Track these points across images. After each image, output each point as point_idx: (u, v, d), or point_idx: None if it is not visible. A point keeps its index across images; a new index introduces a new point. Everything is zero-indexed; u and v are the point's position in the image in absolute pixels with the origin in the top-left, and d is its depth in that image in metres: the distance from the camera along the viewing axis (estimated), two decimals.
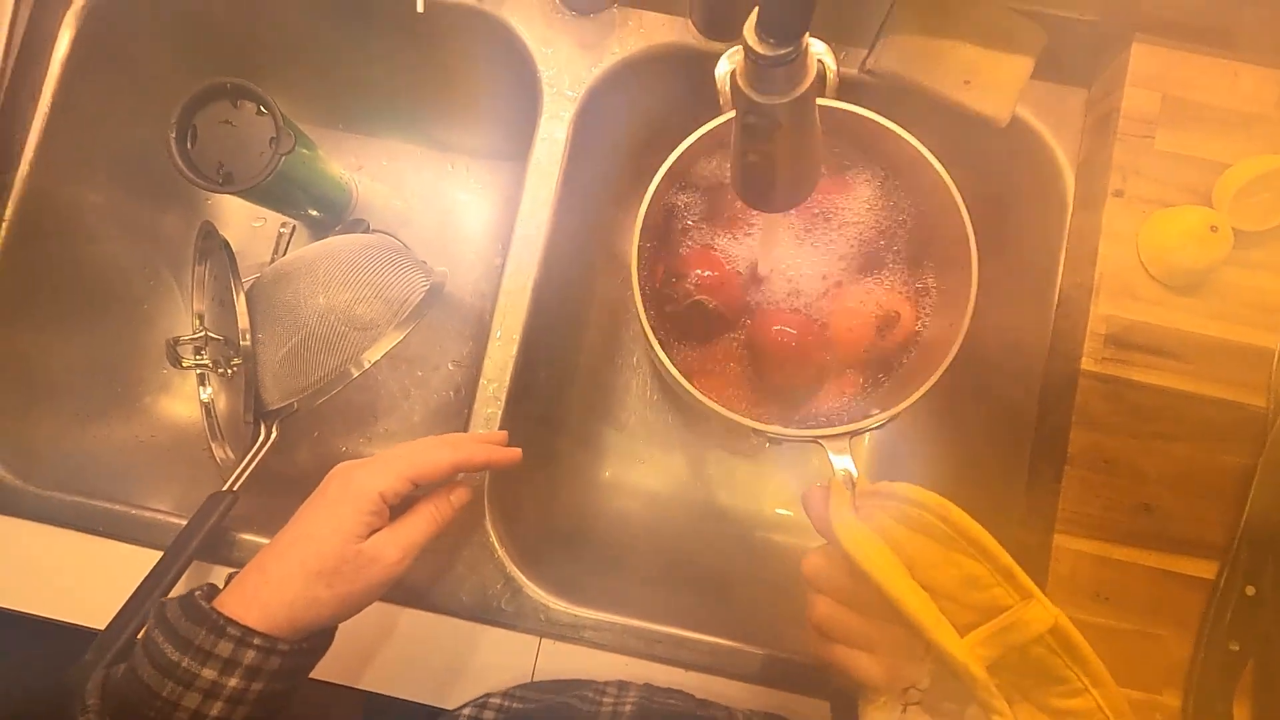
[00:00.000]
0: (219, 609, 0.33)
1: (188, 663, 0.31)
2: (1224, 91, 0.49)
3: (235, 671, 0.32)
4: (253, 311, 0.56)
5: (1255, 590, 0.44)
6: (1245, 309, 0.47)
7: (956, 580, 0.31)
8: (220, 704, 0.32)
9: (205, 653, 0.32)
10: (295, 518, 0.38)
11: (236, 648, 0.32)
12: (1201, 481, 0.46)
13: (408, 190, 0.73)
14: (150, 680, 0.31)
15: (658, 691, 0.43)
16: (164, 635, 0.32)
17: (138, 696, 0.31)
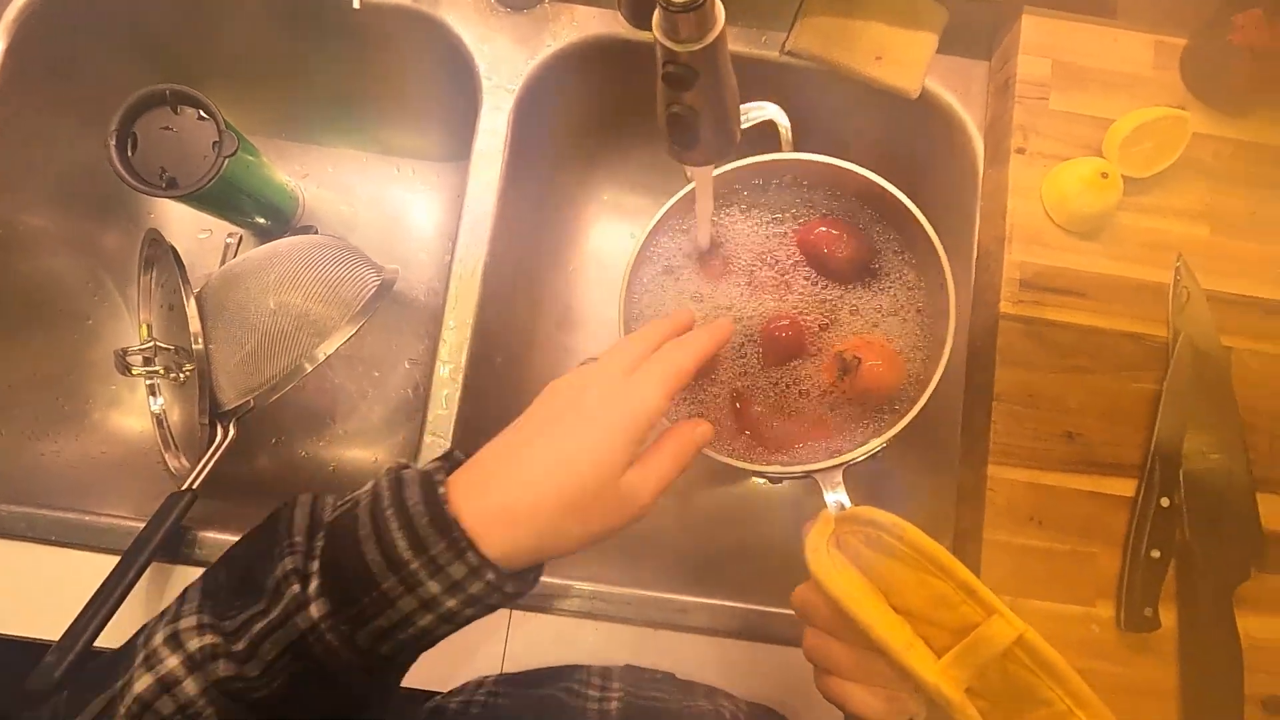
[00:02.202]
0: (461, 522, 0.28)
1: (417, 566, 0.28)
2: (1106, 55, 0.54)
3: (458, 595, 0.28)
4: (203, 314, 0.56)
5: (1169, 501, 0.48)
6: (1141, 249, 0.52)
7: (928, 601, 0.30)
8: (431, 618, 0.28)
9: (438, 567, 0.28)
10: (543, 432, 0.31)
11: (469, 575, 0.28)
12: (1116, 408, 0.50)
13: (355, 195, 0.74)
14: (374, 565, 0.28)
15: (643, 682, 0.42)
16: (399, 524, 0.28)
17: (355, 573, 0.28)
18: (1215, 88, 0.52)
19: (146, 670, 0.27)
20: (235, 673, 0.27)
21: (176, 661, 0.27)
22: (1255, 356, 0.51)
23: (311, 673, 0.28)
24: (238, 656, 0.27)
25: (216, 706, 0.27)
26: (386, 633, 0.28)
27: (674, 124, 0.33)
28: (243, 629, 0.28)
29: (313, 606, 0.27)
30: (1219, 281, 0.52)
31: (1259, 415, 0.50)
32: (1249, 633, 0.47)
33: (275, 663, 0.27)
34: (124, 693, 0.27)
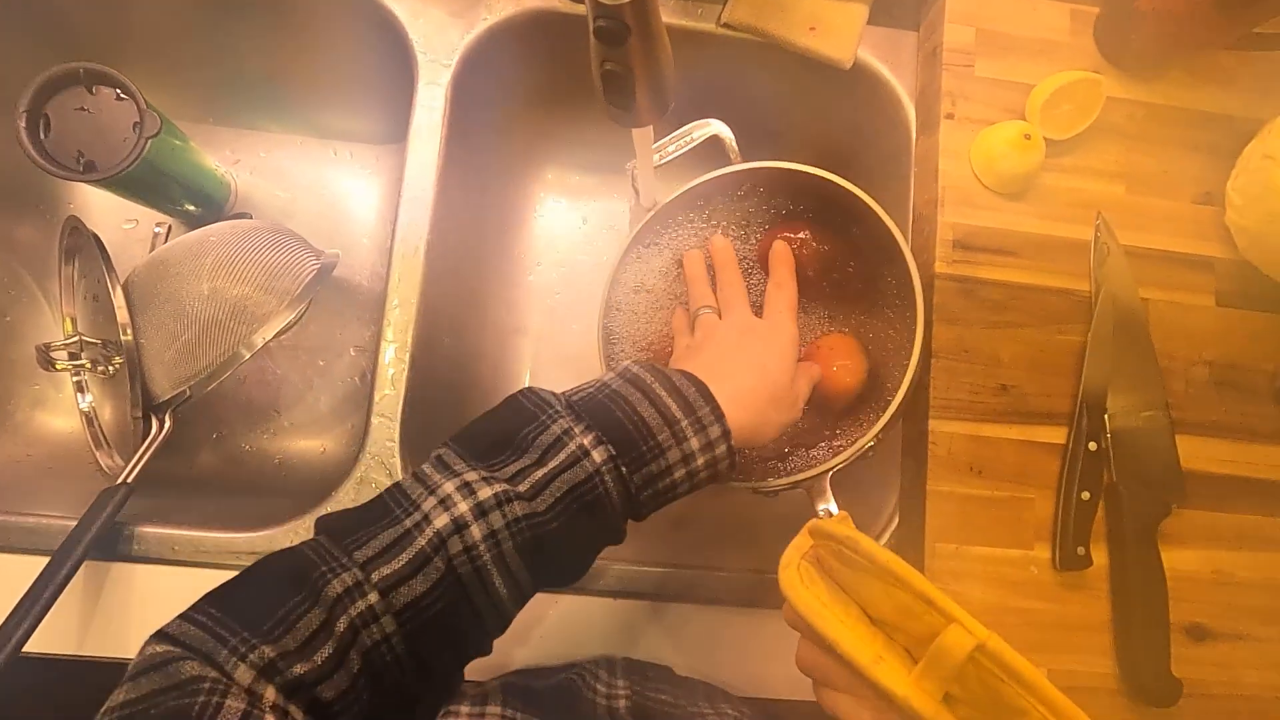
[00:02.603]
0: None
1: (685, 424, 0.34)
2: (1026, 23, 0.56)
3: (706, 454, 0.35)
4: (131, 303, 0.54)
5: (1096, 446, 0.50)
6: (1064, 208, 0.54)
7: (896, 612, 0.31)
8: (683, 472, 0.34)
9: (701, 426, 0.34)
10: (735, 355, 0.41)
11: (720, 437, 0.35)
12: (1046, 360, 0.52)
13: (291, 181, 0.72)
14: (650, 419, 0.34)
15: (646, 679, 0.43)
16: (667, 391, 0.35)
17: (634, 427, 0.33)
18: (1125, 52, 0.55)
19: (443, 510, 0.31)
20: (528, 510, 0.31)
21: (468, 506, 0.31)
22: (1170, 306, 0.54)
23: (587, 509, 0.32)
24: (525, 496, 0.32)
25: (503, 546, 0.31)
26: (652, 479, 0.34)
27: (608, 82, 0.33)
28: (520, 476, 0.32)
29: (596, 453, 0.32)
30: (1135, 237, 0.54)
31: (1175, 361, 0.53)
32: (1172, 565, 0.50)
33: (560, 501, 0.32)
34: (422, 527, 0.30)
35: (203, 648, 0.26)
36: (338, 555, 0.30)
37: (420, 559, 0.30)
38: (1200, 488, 0.52)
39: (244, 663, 0.26)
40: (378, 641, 0.29)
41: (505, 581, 0.31)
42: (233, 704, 0.25)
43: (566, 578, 0.35)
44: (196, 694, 0.25)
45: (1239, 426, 0.53)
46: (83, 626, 0.47)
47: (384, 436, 0.51)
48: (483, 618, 0.32)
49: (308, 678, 0.27)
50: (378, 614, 0.29)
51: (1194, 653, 0.50)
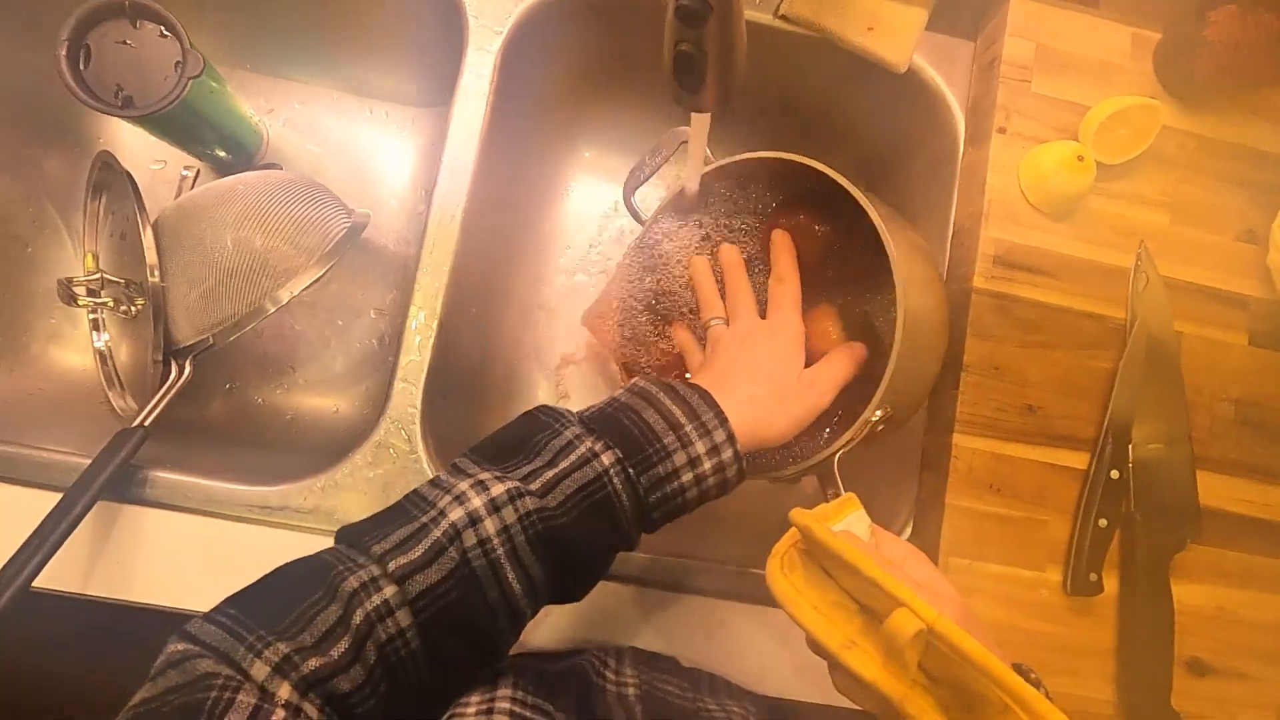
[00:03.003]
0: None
1: (690, 429, 0.36)
2: (1086, 43, 0.56)
3: (713, 459, 0.36)
4: (159, 246, 0.53)
5: (1119, 474, 0.50)
6: (1108, 233, 0.54)
7: (865, 596, 0.31)
8: (690, 476, 0.35)
9: (706, 430, 0.36)
10: (738, 359, 0.43)
11: (726, 441, 0.36)
12: (1074, 384, 0.52)
13: (323, 135, 0.71)
14: (655, 425, 0.35)
15: (655, 671, 0.43)
16: (672, 400, 0.37)
17: (640, 431, 0.35)
18: (1183, 81, 0.54)
19: (458, 505, 0.32)
20: (539, 505, 0.33)
21: (482, 501, 0.32)
22: (1202, 341, 0.54)
23: (597, 508, 0.34)
24: (536, 493, 0.33)
25: (516, 540, 0.32)
26: (659, 481, 0.35)
27: (681, 63, 0.33)
28: (531, 476, 0.34)
29: (604, 455, 0.34)
30: (1175, 269, 0.54)
31: (1202, 396, 0.53)
32: (1181, 599, 0.50)
33: (570, 498, 0.33)
34: (438, 520, 0.32)
35: (220, 646, 0.27)
36: (355, 556, 0.31)
37: (435, 549, 0.31)
38: (1214, 524, 0.52)
39: (259, 659, 0.27)
40: (393, 635, 0.30)
41: (518, 575, 0.32)
42: (244, 699, 0.26)
43: (578, 578, 0.36)
44: (209, 690, 0.26)
45: (1258, 467, 0.53)
46: (89, 566, 0.47)
47: (406, 402, 0.51)
48: (496, 614, 0.32)
49: (323, 671, 0.28)
50: (393, 607, 0.30)
51: (1193, 686, 0.50)
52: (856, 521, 0.37)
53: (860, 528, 0.37)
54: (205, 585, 0.47)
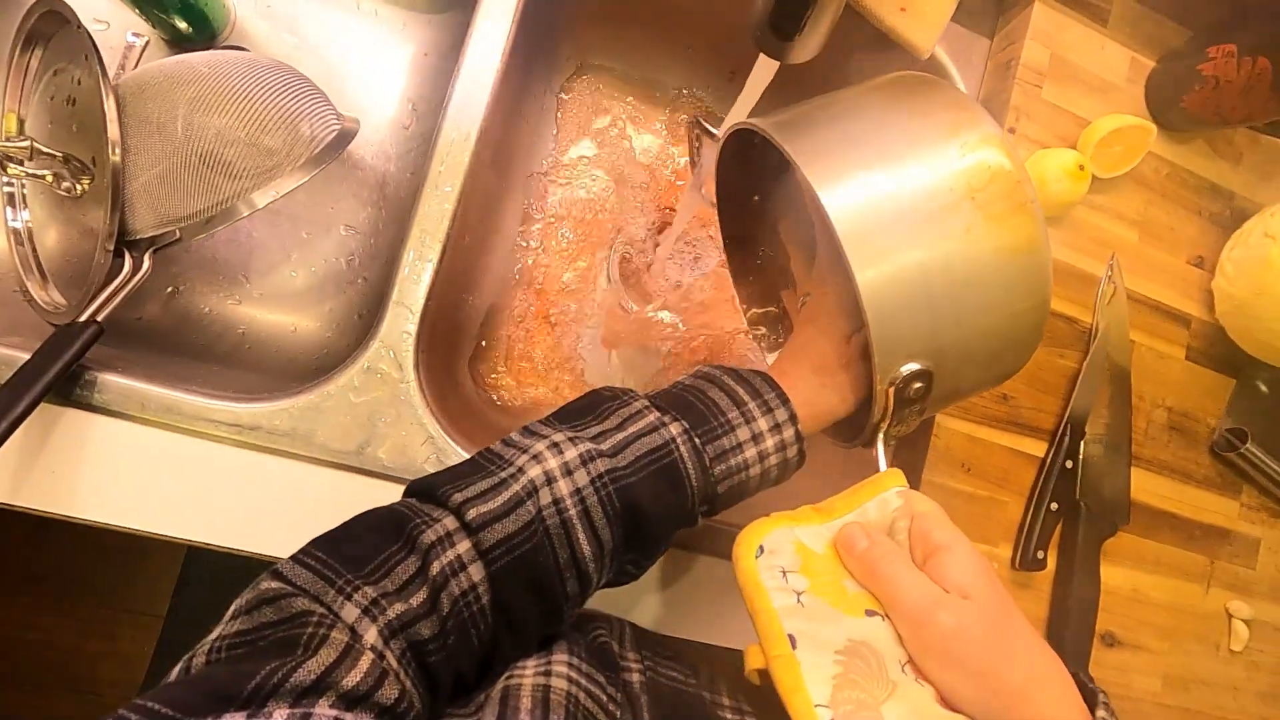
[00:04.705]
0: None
1: (753, 406, 0.36)
2: (1093, 58, 0.59)
3: (776, 436, 0.36)
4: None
5: (1071, 465, 0.55)
6: (1086, 241, 0.58)
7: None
8: (753, 452, 0.35)
9: (768, 408, 0.36)
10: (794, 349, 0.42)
11: (788, 420, 0.36)
12: (1044, 379, 0.56)
13: (301, 26, 0.64)
14: (720, 401, 0.36)
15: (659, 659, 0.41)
16: (735, 380, 0.37)
17: (705, 406, 0.36)
18: (1170, 109, 0.59)
19: (535, 463, 0.33)
20: (611, 465, 0.33)
21: (557, 463, 0.33)
22: (1150, 352, 0.59)
23: (665, 472, 0.34)
24: (607, 453, 0.33)
25: (588, 502, 0.32)
26: (724, 454, 0.35)
27: (784, 7, 0.31)
28: (602, 437, 0.34)
29: (672, 425, 0.35)
30: (1137, 283, 0.59)
31: (1142, 401, 0.59)
32: (1105, 580, 0.55)
33: (640, 459, 0.34)
34: (517, 476, 0.32)
35: (311, 588, 0.28)
36: (430, 510, 0.32)
37: (514, 501, 0.32)
38: (1138, 516, 0.58)
39: (350, 601, 0.28)
40: (465, 590, 0.30)
41: (588, 538, 0.33)
42: (337, 636, 0.26)
43: (644, 547, 0.35)
44: (305, 625, 0.26)
45: (1179, 469, 0.60)
46: (20, 473, 0.41)
47: (400, 327, 0.47)
48: (565, 576, 0.33)
49: (406, 616, 0.29)
50: (465, 562, 0.30)
51: (1103, 656, 0.56)
52: (878, 506, 0.36)
53: (880, 512, 0.36)
54: (168, 505, 0.42)
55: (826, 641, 0.30)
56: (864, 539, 0.33)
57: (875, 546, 0.33)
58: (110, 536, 0.43)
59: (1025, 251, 0.35)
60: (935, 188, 0.33)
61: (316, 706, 0.23)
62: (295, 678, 0.24)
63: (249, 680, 0.23)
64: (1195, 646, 0.59)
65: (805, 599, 0.31)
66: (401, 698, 0.26)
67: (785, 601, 0.31)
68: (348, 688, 0.25)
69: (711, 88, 0.71)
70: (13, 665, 1.10)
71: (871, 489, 0.36)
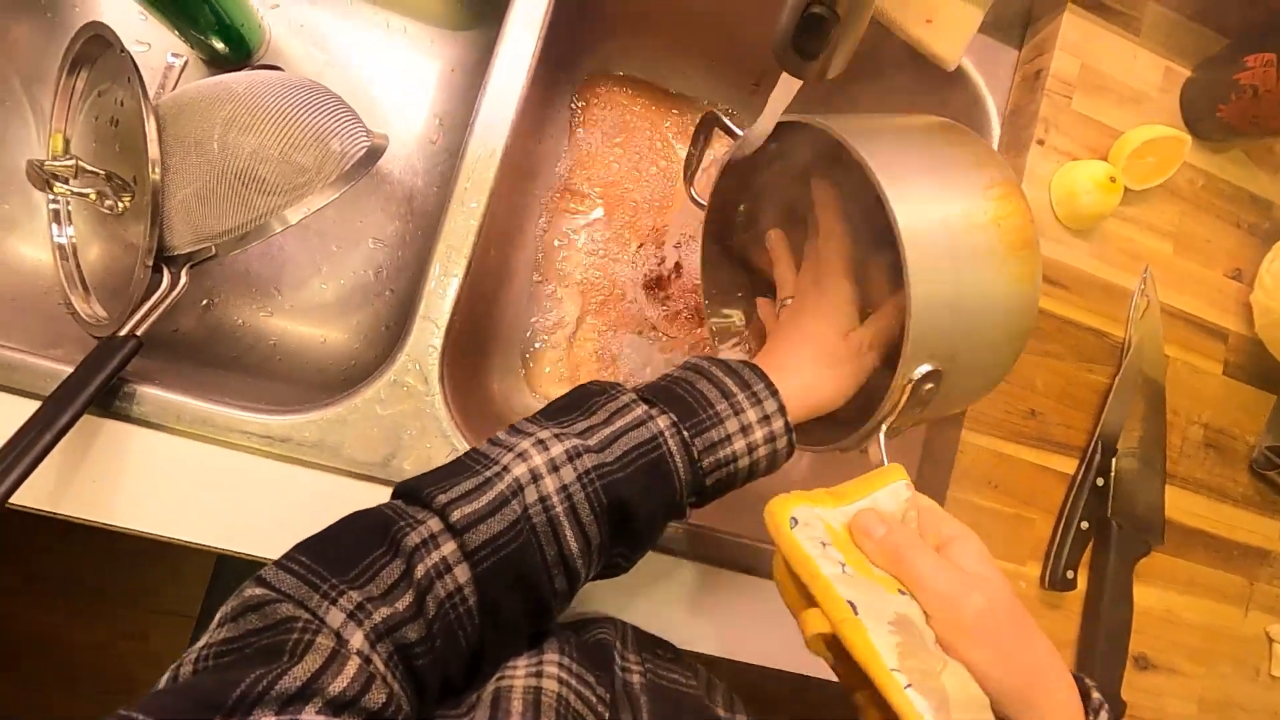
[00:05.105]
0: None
1: (742, 398, 0.36)
2: (1124, 68, 0.57)
3: (765, 428, 0.36)
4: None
5: (1103, 482, 0.54)
6: (1118, 254, 0.57)
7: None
8: (743, 443, 0.36)
9: (757, 399, 0.36)
10: (791, 332, 0.42)
11: (776, 411, 0.36)
12: (1073, 395, 0.55)
13: (332, 44, 0.65)
14: (709, 394, 0.36)
15: (659, 661, 0.41)
16: (723, 372, 0.37)
17: (694, 399, 0.36)
18: (1206, 119, 0.57)
19: (521, 461, 0.32)
20: (597, 461, 0.33)
21: (542, 460, 0.32)
22: (1185, 367, 0.58)
23: (653, 466, 0.34)
24: (594, 449, 0.33)
25: (574, 498, 0.32)
26: (713, 446, 0.35)
27: (808, 26, 0.31)
28: (589, 432, 0.34)
29: (661, 419, 0.35)
30: (1171, 296, 0.58)
31: (1177, 417, 0.57)
32: (1137, 600, 0.54)
33: (627, 454, 0.33)
34: (502, 475, 0.32)
35: (296, 594, 0.28)
36: (414, 511, 0.31)
37: (499, 500, 0.31)
38: (1172, 535, 0.56)
39: (335, 606, 0.28)
40: (451, 592, 0.30)
41: (576, 534, 0.32)
42: (323, 641, 0.26)
43: (632, 541, 0.35)
44: (290, 632, 0.26)
45: (1215, 487, 0.58)
46: (63, 483, 0.43)
47: (426, 340, 0.48)
48: (553, 574, 0.33)
49: (392, 620, 0.29)
50: (451, 564, 0.30)
51: (1136, 679, 0.55)
52: (889, 495, 0.36)
53: (892, 502, 0.36)
54: (203, 515, 0.44)
55: (879, 612, 0.29)
56: (881, 525, 0.33)
57: (896, 532, 0.33)
58: (144, 541, 0.45)
59: (1029, 282, 0.38)
60: (971, 211, 0.37)
61: (303, 713, 0.23)
62: (281, 685, 0.24)
63: (234, 688, 0.23)
64: (1232, 670, 0.57)
65: (848, 570, 0.31)
66: (389, 701, 0.26)
67: (832, 570, 0.31)
68: (334, 693, 0.25)
69: (734, 100, 0.71)
70: (47, 665, 1.13)
71: (880, 479, 0.36)
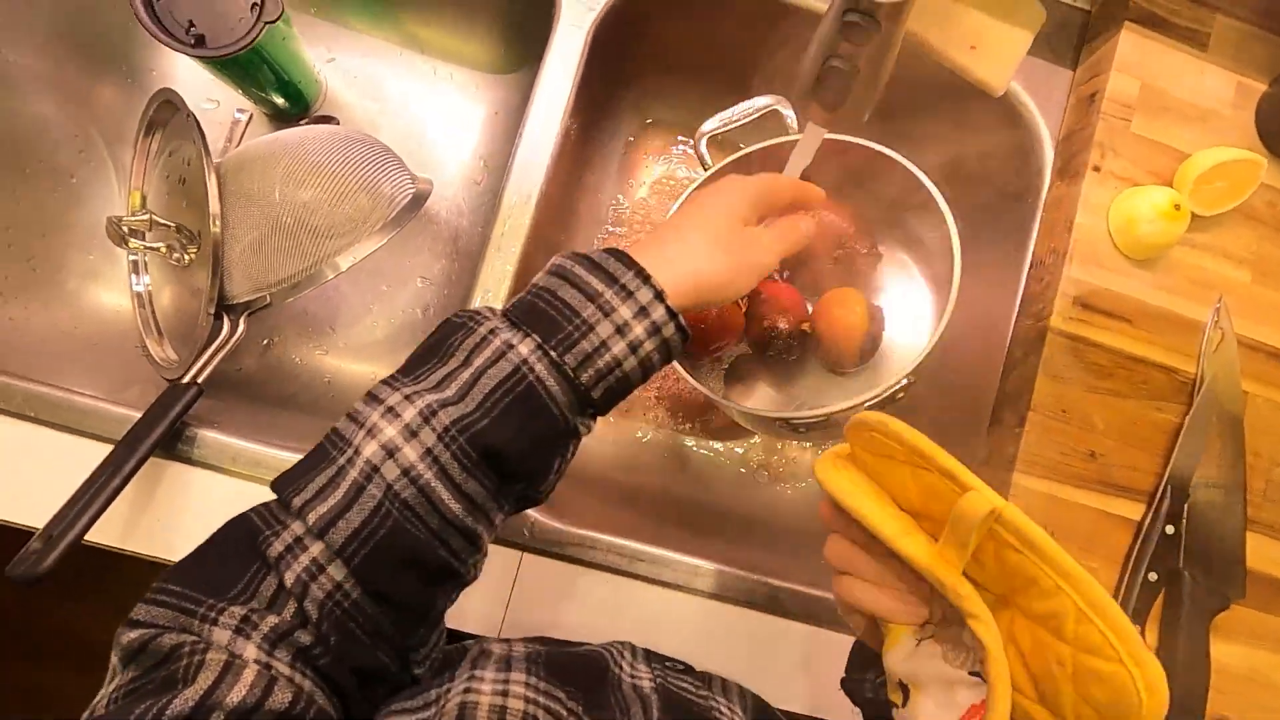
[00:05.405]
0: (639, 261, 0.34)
1: (610, 295, 0.33)
2: (1190, 86, 0.54)
3: (644, 321, 0.33)
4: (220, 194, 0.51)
5: (1173, 530, 0.50)
6: (1187, 284, 0.53)
7: (922, 494, 0.31)
8: (623, 345, 0.33)
9: (628, 293, 0.33)
10: (681, 212, 0.40)
11: (654, 299, 0.33)
12: (1138, 434, 0.52)
13: (384, 92, 0.68)
14: (572, 300, 0.32)
15: (669, 670, 0.41)
16: (588, 269, 0.33)
17: (557, 311, 0.32)
18: None
19: (371, 438, 0.30)
20: (457, 414, 0.30)
21: (395, 430, 0.30)
22: (1267, 404, 0.53)
23: (521, 401, 0.31)
24: (452, 400, 0.30)
25: (441, 459, 0.30)
26: (587, 357, 0.32)
27: (829, 78, 0.31)
28: (447, 381, 0.31)
29: (523, 345, 0.31)
30: (1250, 328, 0.53)
31: (1260, 459, 0.53)
32: (1216, 658, 0.50)
33: (488, 397, 0.31)
34: (354, 460, 0.30)
35: (174, 623, 0.27)
36: (279, 514, 0.30)
37: (354, 490, 0.30)
38: (1257, 587, 0.52)
39: (217, 626, 0.27)
40: (330, 591, 0.29)
41: (454, 495, 0.30)
42: (214, 657, 0.26)
43: (527, 478, 0.33)
44: (180, 659, 0.26)
45: None
46: (130, 521, 0.46)
47: None
48: (444, 539, 0.31)
49: (281, 628, 0.28)
50: (323, 564, 0.29)
51: None
52: None
53: None
54: None
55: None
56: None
57: None
58: None
59: None
60: None
61: None
62: (172, 709, 0.23)
63: None
64: None
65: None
66: (297, 699, 0.26)
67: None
68: (234, 703, 0.24)
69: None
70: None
71: None
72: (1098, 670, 0.26)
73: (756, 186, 0.39)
